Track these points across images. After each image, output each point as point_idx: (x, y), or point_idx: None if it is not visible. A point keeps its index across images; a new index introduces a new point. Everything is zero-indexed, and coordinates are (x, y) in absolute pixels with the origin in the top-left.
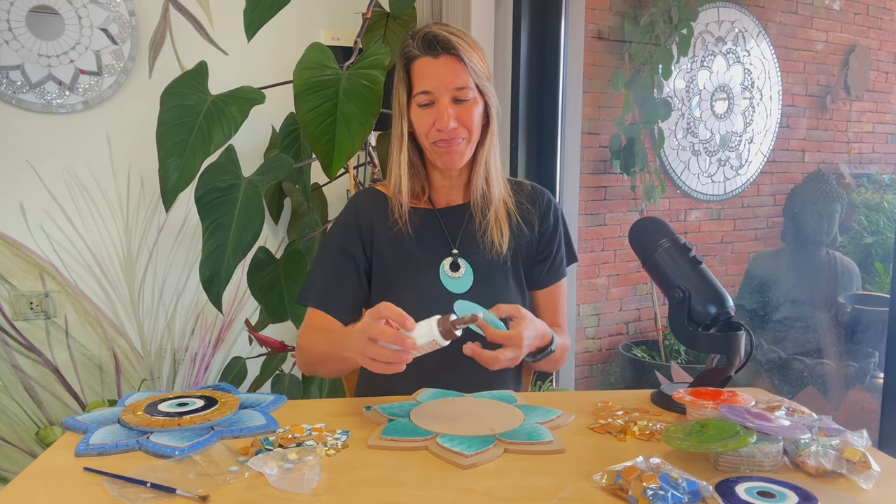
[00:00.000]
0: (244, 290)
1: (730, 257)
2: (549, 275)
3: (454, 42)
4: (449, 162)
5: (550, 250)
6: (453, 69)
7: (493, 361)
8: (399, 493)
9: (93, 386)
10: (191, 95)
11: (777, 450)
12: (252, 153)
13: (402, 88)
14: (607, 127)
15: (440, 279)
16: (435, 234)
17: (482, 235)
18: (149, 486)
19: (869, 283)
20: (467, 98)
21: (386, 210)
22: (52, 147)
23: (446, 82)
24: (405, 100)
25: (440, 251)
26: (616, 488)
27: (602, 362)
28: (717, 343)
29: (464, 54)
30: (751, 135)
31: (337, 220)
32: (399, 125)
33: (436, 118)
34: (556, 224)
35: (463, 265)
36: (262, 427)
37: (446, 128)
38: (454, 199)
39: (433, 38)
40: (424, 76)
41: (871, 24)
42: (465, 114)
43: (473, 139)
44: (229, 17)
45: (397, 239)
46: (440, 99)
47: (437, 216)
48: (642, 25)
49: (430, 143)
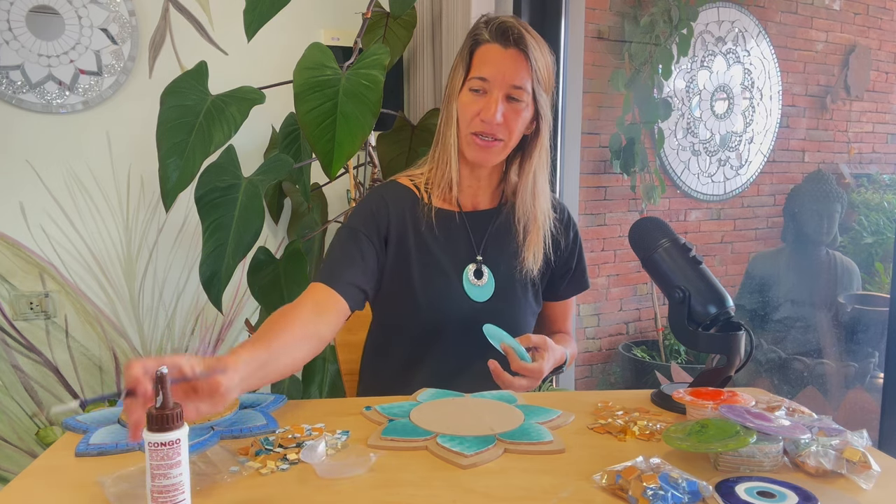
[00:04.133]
0: (244, 290)
1: (730, 257)
2: (567, 289)
3: (527, 39)
4: (482, 158)
5: (570, 265)
6: (517, 65)
7: (509, 386)
8: (399, 493)
9: (93, 386)
10: (191, 95)
11: (777, 450)
12: (252, 153)
13: (460, 69)
14: (607, 127)
15: (463, 285)
16: (460, 237)
17: (517, 251)
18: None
19: (869, 283)
20: (521, 99)
21: (413, 206)
22: (52, 147)
23: (506, 75)
24: (460, 81)
25: (463, 256)
26: (616, 488)
27: (602, 362)
28: (717, 343)
29: (533, 54)
30: (751, 135)
31: (358, 208)
32: (449, 107)
33: (483, 108)
34: (576, 239)
35: (486, 273)
36: (262, 427)
37: (492, 120)
38: (480, 202)
39: (508, 29)
40: (486, 62)
41: (871, 24)
42: (512, 114)
43: (511, 144)
44: (229, 17)
45: (423, 236)
46: (494, 90)
47: (463, 219)
48: (642, 25)
49: (470, 132)
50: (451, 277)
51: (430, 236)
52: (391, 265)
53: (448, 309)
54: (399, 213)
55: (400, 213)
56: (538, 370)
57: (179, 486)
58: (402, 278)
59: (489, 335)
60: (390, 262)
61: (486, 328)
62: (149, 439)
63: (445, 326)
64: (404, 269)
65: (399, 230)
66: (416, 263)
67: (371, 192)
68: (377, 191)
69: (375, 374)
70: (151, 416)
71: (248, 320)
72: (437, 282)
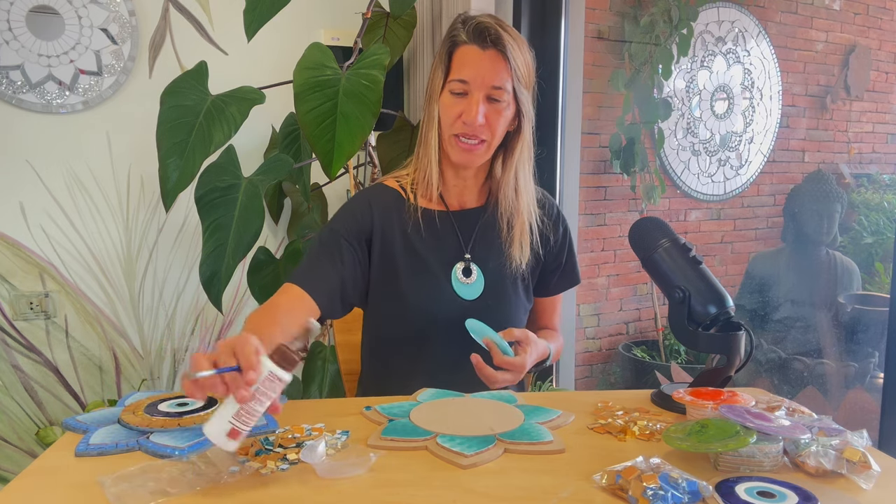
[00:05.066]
0: (244, 290)
1: (730, 257)
2: (557, 284)
3: (505, 39)
4: (465, 160)
5: (560, 260)
6: (496, 65)
7: (493, 380)
8: (399, 493)
9: (93, 386)
10: (191, 95)
11: (777, 450)
12: (252, 153)
13: (439, 71)
14: (607, 127)
15: (452, 284)
16: (448, 236)
17: (503, 247)
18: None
19: (869, 283)
20: (501, 99)
21: (399, 208)
22: (52, 147)
23: (485, 77)
24: (440, 84)
25: (452, 255)
26: (616, 488)
27: (602, 362)
28: (717, 343)
29: (511, 53)
30: (751, 135)
31: (342, 210)
32: (430, 108)
33: (465, 110)
34: (566, 234)
35: (475, 271)
36: (262, 427)
37: (473, 122)
38: (467, 201)
39: (485, 29)
40: (465, 65)
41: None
42: (493, 115)
43: (494, 143)
44: (229, 17)
45: (409, 238)
46: (474, 92)
47: (450, 218)
48: (642, 25)
49: (452, 134)
50: (439, 277)
51: (416, 237)
52: (378, 268)
53: (437, 309)
54: (384, 216)
55: (385, 215)
56: (521, 364)
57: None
58: (389, 280)
59: (471, 330)
60: (376, 264)
61: (468, 323)
62: (271, 369)
63: (436, 326)
64: (391, 271)
65: (384, 232)
66: (403, 265)
67: (356, 194)
68: (362, 193)
69: (373, 375)
70: (282, 353)
71: None
72: (426, 282)
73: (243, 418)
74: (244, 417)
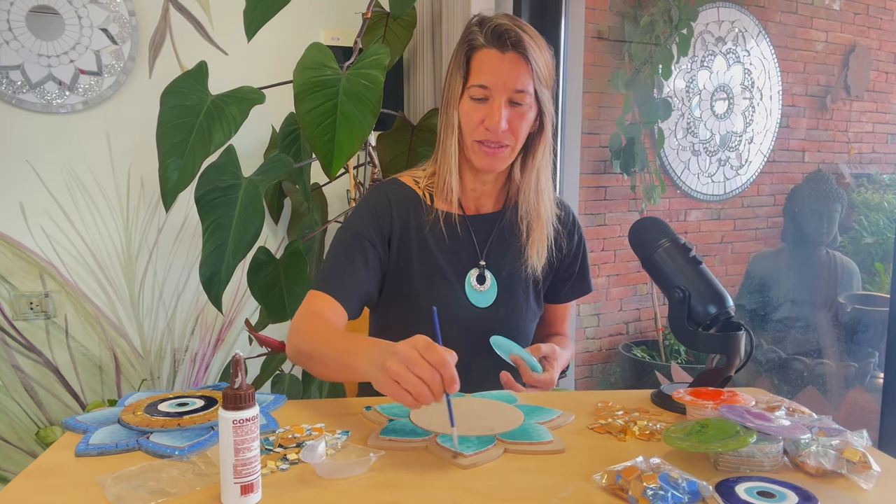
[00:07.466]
0: (244, 290)
1: (730, 257)
2: (569, 292)
3: (525, 41)
4: (489, 165)
5: (573, 269)
6: (517, 69)
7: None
8: (399, 493)
9: (93, 386)
10: (191, 95)
11: (777, 450)
12: (252, 153)
13: (457, 76)
14: (607, 127)
15: (465, 291)
16: (463, 241)
17: (520, 252)
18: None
19: (869, 283)
20: (523, 102)
21: (417, 208)
22: (52, 147)
23: (507, 81)
24: (459, 89)
25: (466, 261)
26: (616, 488)
27: (602, 362)
28: (717, 343)
29: (532, 55)
30: (751, 135)
31: (361, 208)
32: (448, 115)
33: (487, 115)
34: (580, 243)
35: (489, 278)
36: (262, 427)
37: (497, 129)
38: (484, 206)
39: (504, 32)
40: (485, 69)
41: (871, 24)
42: (516, 119)
43: (518, 147)
44: (229, 17)
45: (425, 241)
46: (496, 97)
47: (466, 223)
48: (642, 25)
49: (474, 140)
50: (452, 283)
51: (432, 240)
52: (393, 266)
53: (449, 315)
54: (402, 214)
55: (403, 213)
56: (549, 381)
57: (257, 458)
58: (403, 280)
59: (497, 347)
60: (392, 264)
61: (493, 340)
62: (231, 418)
63: (446, 332)
64: (406, 271)
65: (402, 232)
66: (417, 267)
67: (373, 189)
68: (380, 189)
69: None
70: (230, 397)
71: (248, 320)
72: (439, 287)
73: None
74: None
